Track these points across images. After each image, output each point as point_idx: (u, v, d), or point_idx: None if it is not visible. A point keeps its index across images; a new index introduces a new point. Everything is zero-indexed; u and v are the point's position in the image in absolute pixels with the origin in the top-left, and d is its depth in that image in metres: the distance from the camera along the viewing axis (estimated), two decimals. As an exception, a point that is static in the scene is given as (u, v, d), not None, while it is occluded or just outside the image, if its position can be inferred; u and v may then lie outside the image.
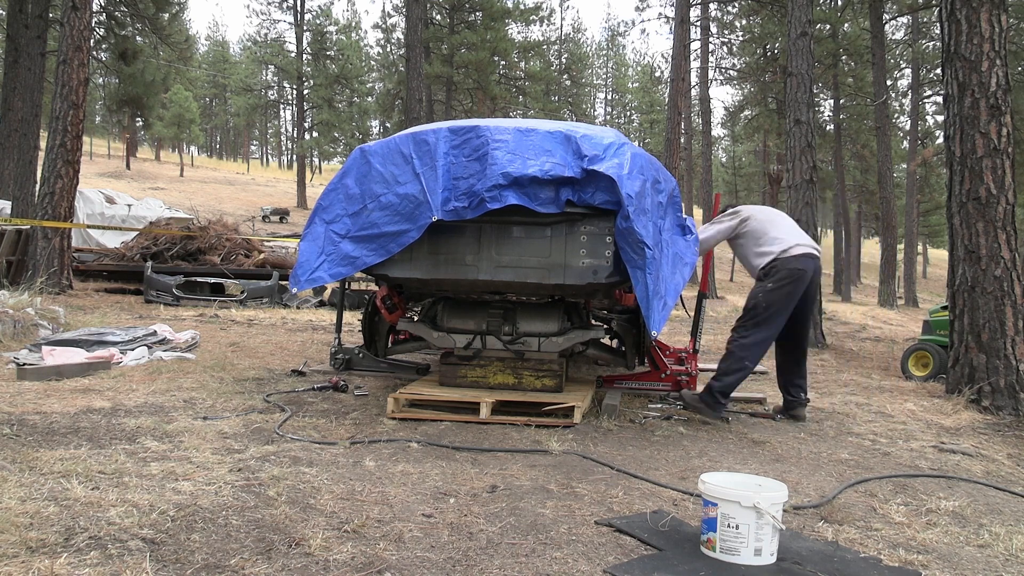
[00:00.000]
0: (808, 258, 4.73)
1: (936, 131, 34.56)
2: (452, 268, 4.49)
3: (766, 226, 4.91)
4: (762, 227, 4.90)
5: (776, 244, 4.77)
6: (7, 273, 11.13)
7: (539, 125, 4.50)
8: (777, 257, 4.72)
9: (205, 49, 76.47)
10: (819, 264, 4.85)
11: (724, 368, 4.67)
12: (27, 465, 3.12)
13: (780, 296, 4.62)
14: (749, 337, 4.66)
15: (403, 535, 2.58)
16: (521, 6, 32.09)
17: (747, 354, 4.65)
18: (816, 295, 4.87)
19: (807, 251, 4.76)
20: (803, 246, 4.78)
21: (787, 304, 4.65)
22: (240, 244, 13.64)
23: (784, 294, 4.63)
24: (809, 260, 4.73)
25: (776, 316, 4.65)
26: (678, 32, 20.76)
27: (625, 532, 2.72)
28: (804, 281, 4.68)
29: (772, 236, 4.83)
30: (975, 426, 5.11)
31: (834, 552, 2.65)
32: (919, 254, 45.01)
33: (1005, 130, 5.70)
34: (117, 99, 21.71)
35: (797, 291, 4.66)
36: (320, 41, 45.97)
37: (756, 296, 4.70)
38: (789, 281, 4.64)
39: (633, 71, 70.79)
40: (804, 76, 10.09)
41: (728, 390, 4.68)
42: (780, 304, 4.64)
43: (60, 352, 5.69)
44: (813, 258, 4.77)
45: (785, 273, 4.65)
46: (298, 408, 4.63)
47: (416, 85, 22.28)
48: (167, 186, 41.58)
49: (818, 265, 4.82)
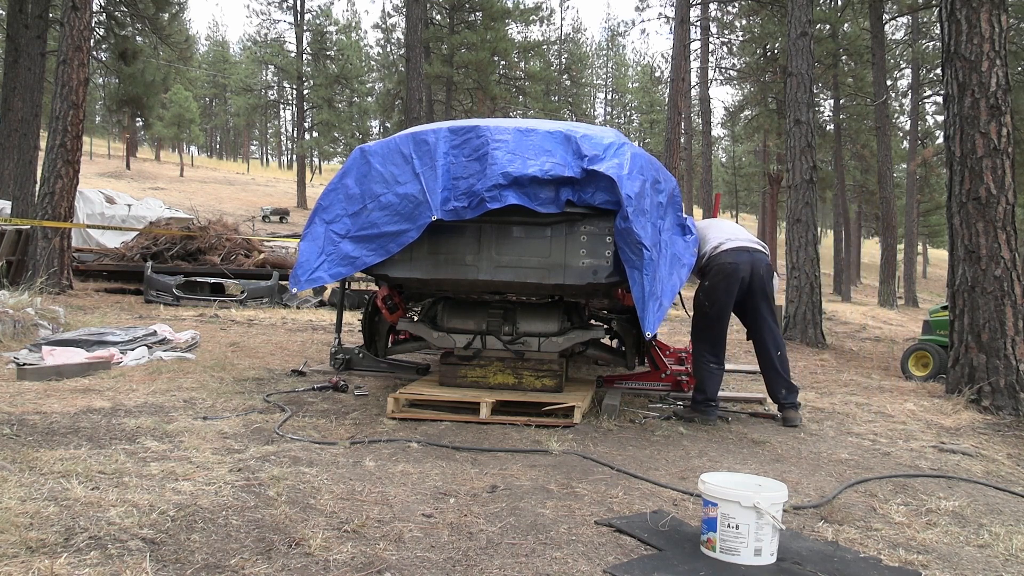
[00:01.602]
0: (741, 251, 4.74)
1: (936, 131, 34.57)
2: (452, 268, 4.49)
3: (705, 232, 4.98)
4: (702, 234, 4.95)
5: (708, 244, 4.84)
6: (7, 273, 11.13)
7: (539, 125, 4.50)
8: (709, 256, 4.78)
9: (205, 49, 76.51)
10: (759, 257, 4.78)
11: (695, 374, 4.87)
12: (27, 465, 3.12)
13: (717, 292, 4.69)
14: (699, 336, 4.81)
15: (403, 535, 2.58)
16: (521, 6, 32.11)
17: (703, 352, 4.77)
18: (764, 288, 4.78)
19: (739, 245, 4.77)
20: (735, 240, 4.81)
21: (726, 299, 4.70)
22: (240, 244, 13.63)
23: (720, 290, 4.68)
24: (742, 253, 4.73)
25: (719, 312, 4.71)
26: (678, 32, 20.76)
27: (625, 532, 2.72)
28: (737, 274, 4.67)
29: (707, 238, 4.90)
30: (975, 426, 5.11)
31: (834, 552, 2.65)
32: (919, 254, 45.03)
33: (1005, 130, 5.70)
34: (117, 99, 21.70)
35: (732, 285, 4.67)
36: (320, 41, 45.98)
37: (696, 296, 4.83)
38: (721, 276, 4.68)
39: (633, 71, 70.81)
40: (804, 76, 10.09)
41: (706, 392, 4.75)
42: (719, 299, 4.69)
43: (60, 352, 5.69)
44: (748, 251, 4.75)
45: (716, 269, 4.71)
46: (298, 408, 4.63)
47: (416, 85, 22.29)
48: (167, 186, 41.58)
49: (756, 258, 4.76)
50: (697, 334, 4.84)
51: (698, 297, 4.80)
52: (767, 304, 4.83)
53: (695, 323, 4.86)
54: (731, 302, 4.73)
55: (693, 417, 4.75)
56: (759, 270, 4.76)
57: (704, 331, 4.79)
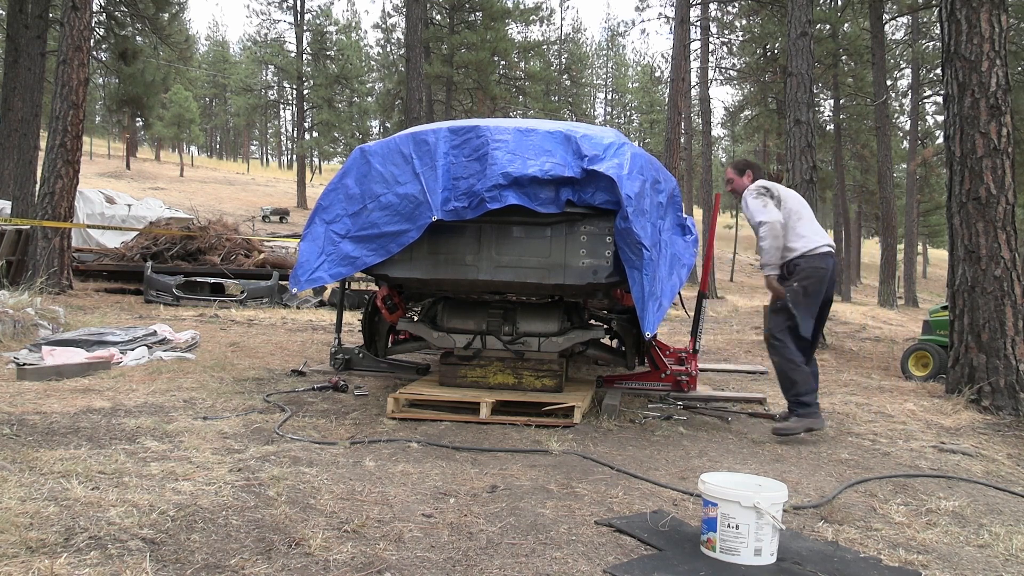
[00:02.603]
0: (829, 256, 4.57)
1: (936, 131, 34.55)
2: (452, 268, 4.49)
3: (794, 222, 4.59)
4: (790, 223, 4.57)
5: (799, 240, 4.55)
6: (7, 273, 11.12)
7: (539, 125, 4.51)
8: (803, 254, 4.52)
9: (205, 49, 76.45)
10: (835, 261, 4.67)
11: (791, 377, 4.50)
12: (27, 465, 3.12)
13: (810, 295, 4.48)
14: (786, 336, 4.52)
15: (403, 535, 2.58)
16: (521, 6, 32.09)
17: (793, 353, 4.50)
18: (831, 292, 4.67)
19: (829, 248, 4.59)
20: (824, 242, 4.60)
21: (816, 300, 4.54)
22: (240, 244, 13.63)
23: (813, 293, 4.48)
24: (829, 258, 4.58)
25: (810, 313, 4.52)
26: (678, 32, 20.76)
27: (625, 532, 2.72)
28: (826, 279, 4.53)
29: (798, 232, 4.57)
30: (975, 426, 5.11)
31: (834, 552, 2.65)
32: (919, 254, 44.99)
33: (1005, 130, 5.70)
34: (117, 99, 21.69)
35: (822, 288, 4.53)
36: (320, 41, 45.96)
37: (790, 296, 4.50)
38: (816, 280, 4.48)
39: (633, 71, 70.76)
40: (804, 76, 10.09)
41: (802, 393, 4.46)
42: (812, 302, 4.51)
43: (60, 352, 5.69)
44: (832, 256, 4.61)
45: (810, 271, 4.48)
46: (298, 408, 4.63)
47: (416, 85, 22.27)
48: (167, 186, 41.57)
49: (835, 262, 4.66)
50: (784, 335, 4.51)
51: (793, 297, 4.47)
52: (828, 308, 4.79)
53: (779, 324, 4.53)
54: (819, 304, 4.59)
55: (797, 427, 4.38)
56: (833, 275, 4.65)
57: (791, 331, 4.50)
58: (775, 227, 4.48)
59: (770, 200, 4.58)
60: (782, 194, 4.66)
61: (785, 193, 4.71)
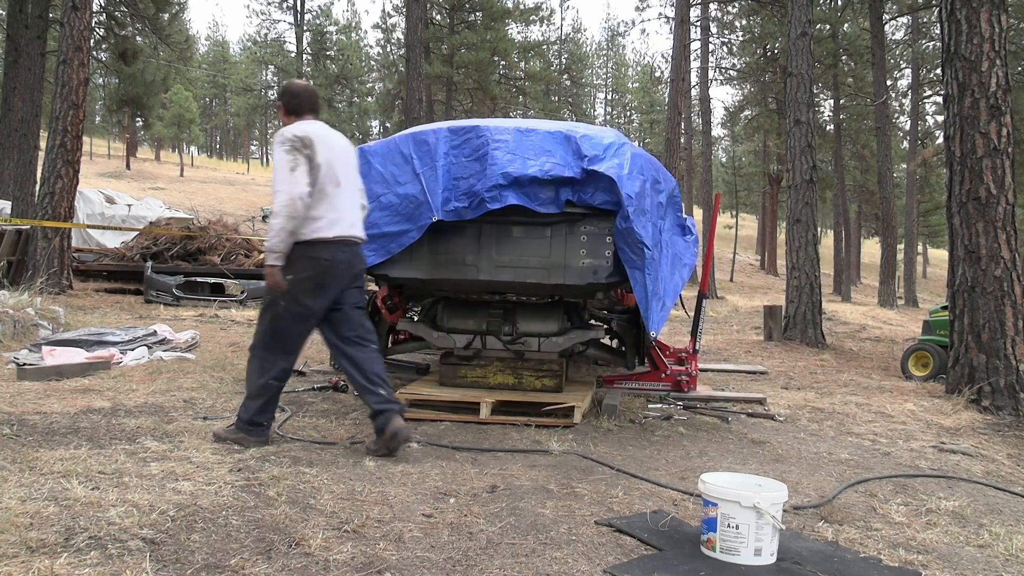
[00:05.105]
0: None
1: (936, 131, 34.52)
2: (452, 268, 4.49)
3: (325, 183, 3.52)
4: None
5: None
6: (7, 273, 11.12)
7: (539, 125, 4.51)
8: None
9: (205, 49, 76.39)
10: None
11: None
12: (27, 465, 3.12)
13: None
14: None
15: (403, 535, 2.58)
16: (521, 6, 32.06)
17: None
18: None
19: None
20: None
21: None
22: (240, 244, 13.63)
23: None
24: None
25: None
26: (678, 32, 20.75)
27: (625, 532, 2.72)
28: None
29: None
30: (975, 426, 5.11)
31: (834, 552, 2.65)
32: (919, 254, 44.98)
33: (1005, 130, 5.70)
34: (117, 99, 21.70)
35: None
36: (320, 41, 45.96)
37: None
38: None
39: (633, 71, 70.71)
40: (804, 76, 10.09)
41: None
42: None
43: (60, 352, 5.69)
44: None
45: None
46: (298, 408, 4.63)
47: (416, 85, 22.27)
48: (167, 186, 41.52)
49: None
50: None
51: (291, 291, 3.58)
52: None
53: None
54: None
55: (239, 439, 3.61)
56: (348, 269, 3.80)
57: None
58: (295, 203, 3.40)
59: (301, 157, 3.43)
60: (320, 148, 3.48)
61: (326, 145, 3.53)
